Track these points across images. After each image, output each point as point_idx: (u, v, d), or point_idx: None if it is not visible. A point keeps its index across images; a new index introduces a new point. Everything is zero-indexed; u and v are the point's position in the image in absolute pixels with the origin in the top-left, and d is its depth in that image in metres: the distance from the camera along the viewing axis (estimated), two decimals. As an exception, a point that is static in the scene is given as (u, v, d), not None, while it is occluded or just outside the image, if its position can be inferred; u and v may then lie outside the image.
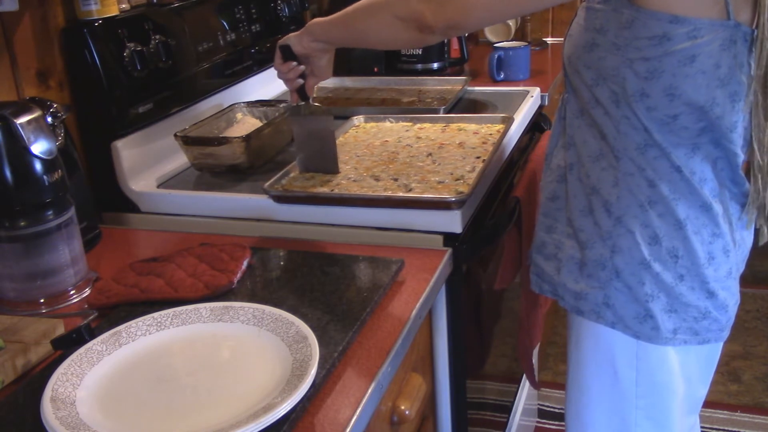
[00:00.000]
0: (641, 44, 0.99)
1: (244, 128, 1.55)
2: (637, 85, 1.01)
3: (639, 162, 1.05)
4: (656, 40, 0.98)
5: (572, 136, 1.14)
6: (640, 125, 1.03)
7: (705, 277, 1.08)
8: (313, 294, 1.05)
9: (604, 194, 1.09)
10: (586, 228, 1.12)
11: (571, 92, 1.14)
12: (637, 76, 1.00)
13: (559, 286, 1.18)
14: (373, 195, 1.27)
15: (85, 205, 1.26)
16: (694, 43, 0.96)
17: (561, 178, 1.17)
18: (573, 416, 1.25)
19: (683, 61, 0.98)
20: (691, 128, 1.02)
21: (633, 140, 1.05)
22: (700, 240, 1.07)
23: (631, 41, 1.00)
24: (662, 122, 1.02)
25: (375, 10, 1.15)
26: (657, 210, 1.06)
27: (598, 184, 1.09)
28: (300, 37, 1.27)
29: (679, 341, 1.11)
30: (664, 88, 1.00)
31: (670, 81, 0.99)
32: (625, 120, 1.04)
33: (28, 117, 1.06)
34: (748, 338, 2.70)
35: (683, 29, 0.96)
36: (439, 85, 1.95)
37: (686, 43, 0.97)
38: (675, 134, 1.03)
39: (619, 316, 1.11)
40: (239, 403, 0.82)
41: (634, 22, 0.99)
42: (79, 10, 1.36)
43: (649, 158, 1.05)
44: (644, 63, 0.99)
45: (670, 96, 1.00)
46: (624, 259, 1.08)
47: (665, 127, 1.02)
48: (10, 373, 0.92)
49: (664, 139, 1.03)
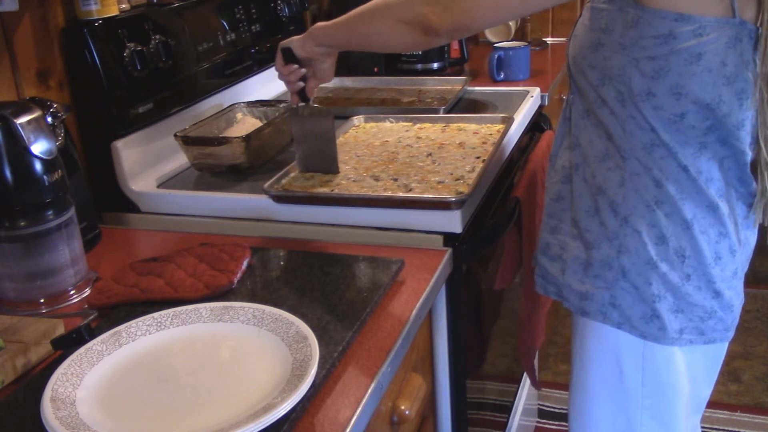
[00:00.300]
0: (647, 43, 0.99)
1: (244, 128, 1.55)
2: (644, 85, 1.01)
3: (645, 162, 1.05)
4: (662, 38, 0.98)
5: (578, 136, 1.13)
6: (647, 125, 1.03)
7: (712, 277, 1.08)
8: (313, 294, 1.05)
9: (610, 194, 1.09)
10: (592, 228, 1.12)
11: (576, 93, 1.14)
12: (643, 75, 1.00)
13: (564, 287, 1.17)
14: (373, 195, 1.27)
15: (85, 205, 1.26)
16: (699, 41, 0.96)
17: (566, 179, 1.17)
18: (577, 416, 1.24)
19: (689, 60, 0.98)
20: (698, 127, 1.02)
21: (639, 140, 1.05)
22: (707, 240, 1.07)
23: (636, 40, 0.99)
24: (669, 121, 1.02)
25: (378, 14, 1.15)
26: (664, 210, 1.06)
27: (604, 185, 1.09)
28: (303, 40, 1.26)
29: (685, 341, 1.11)
30: (670, 86, 1.00)
31: (676, 80, 0.99)
32: (631, 120, 1.04)
33: (28, 117, 1.06)
34: (748, 338, 2.70)
35: (689, 27, 0.96)
36: (439, 85, 1.96)
37: (692, 41, 0.97)
38: (682, 133, 1.03)
39: (625, 316, 1.11)
40: (239, 403, 0.82)
41: (640, 22, 0.99)
42: (79, 10, 1.36)
43: (655, 158, 1.05)
44: (650, 62, 0.99)
45: (677, 95, 1.00)
46: (631, 259, 1.08)
47: (672, 126, 1.02)
48: (10, 373, 0.92)
49: (671, 139, 1.03)
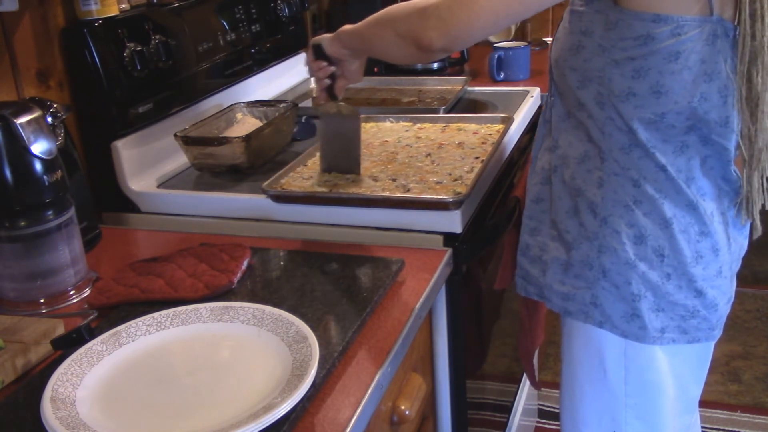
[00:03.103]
0: (626, 45, 1.00)
1: (244, 128, 1.55)
2: (624, 85, 1.02)
3: (623, 162, 1.06)
4: (641, 40, 0.98)
5: (557, 138, 1.14)
6: (625, 126, 1.04)
7: (692, 276, 1.08)
8: (313, 294, 1.05)
9: (589, 195, 1.09)
10: (571, 229, 1.12)
11: (556, 95, 1.15)
12: (623, 75, 1.01)
13: (545, 288, 1.18)
14: (370, 195, 1.28)
15: (85, 205, 1.26)
16: (677, 39, 0.97)
17: (545, 181, 1.17)
18: (567, 415, 1.25)
19: (668, 58, 0.98)
20: (679, 127, 1.03)
21: (618, 141, 1.05)
22: (687, 239, 1.07)
23: (616, 42, 1.00)
24: (649, 121, 1.03)
25: (382, 24, 1.13)
26: (642, 209, 1.06)
27: (583, 186, 1.10)
28: (332, 40, 1.25)
29: (667, 340, 1.11)
30: (651, 86, 1.00)
31: (656, 78, 1.00)
32: (610, 121, 1.05)
33: (28, 117, 1.06)
34: (748, 338, 2.70)
35: (666, 27, 0.97)
36: (439, 85, 1.95)
37: (670, 41, 0.97)
38: (662, 132, 1.03)
39: (606, 315, 1.11)
40: (239, 403, 0.82)
41: (619, 24, 0.99)
42: (79, 10, 1.36)
43: (633, 158, 1.05)
44: (630, 62, 1.00)
45: (657, 93, 1.00)
46: (610, 258, 1.09)
47: (652, 126, 1.03)
48: (10, 373, 0.92)
49: (651, 137, 1.04)
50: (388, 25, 1.11)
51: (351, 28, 1.21)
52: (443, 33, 1.02)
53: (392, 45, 1.11)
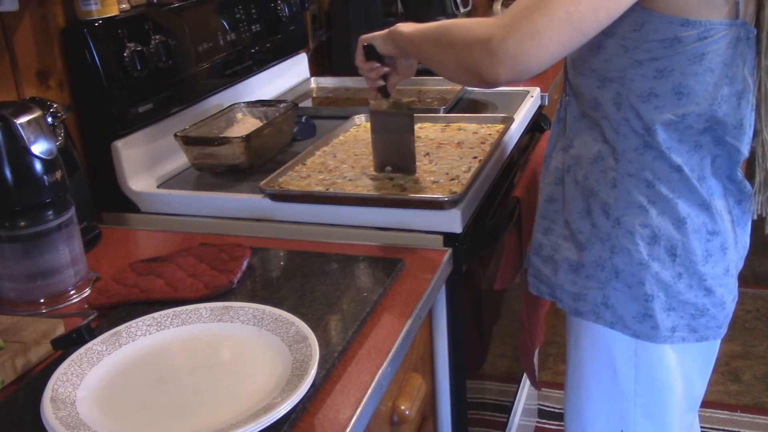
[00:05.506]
0: (651, 46, 0.99)
1: (244, 128, 1.55)
2: (645, 85, 1.02)
3: (638, 163, 1.06)
4: (667, 42, 0.98)
5: (572, 138, 1.14)
6: (642, 127, 1.04)
7: (702, 275, 1.09)
8: (313, 294, 1.05)
9: (602, 196, 1.09)
10: (584, 230, 1.12)
11: (572, 95, 1.14)
12: (645, 76, 1.01)
13: (557, 288, 1.18)
14: (366, 194, 1.28)
15: (85, 205, 1.26)
16: (703, 42, 0.98)
17: (558, 180, 1.17)
18: (572, 416, 1.25)
19: (692, 60, 0.99)
20: (696, 127, 1.03)
21: (632, 142, 1.05)
22: (698, 238, 1.08)
23: (641, 43, 1.00)
24: (669, 122, 1.03)
25: (443, 46, 1.07)
26: (656, 209, 1.06)
27: (596, 186, 1.10)
28: (385, 39, 1.23)
29: (677, 339, 1.11)
30: (673, 86, 1.01)
31: (679, 79, 1.00)
32: (625, 122, 1.05)
33: (28, 117, 1.06)
34: (748, 338, 2.70)
35: (695, 31, 0.97)
36: (439, 84, 1.95)
37: (696, 43, 0.98)
38: (680, 132, 1.04)
39: (618, 315, 1.11)
40: (239, 403, 0.82)
41: (645, 26, 0.99)
42: (79, 10, 1.36)
43: (647, 159, 1.05)
44: (653, 63, 1.00)
45: (679, 94, 1.01)
46: (623, 259, 1.09)
47: (671, 127, 1.03)
48: (10, 373, 0.92)
49: (668, 138, 1.04)
50: (448, 50, 1.05)
51: (408, 32, 1.17)
52: (511, 69, 0.96)
53: (452, 70, 1.07)
